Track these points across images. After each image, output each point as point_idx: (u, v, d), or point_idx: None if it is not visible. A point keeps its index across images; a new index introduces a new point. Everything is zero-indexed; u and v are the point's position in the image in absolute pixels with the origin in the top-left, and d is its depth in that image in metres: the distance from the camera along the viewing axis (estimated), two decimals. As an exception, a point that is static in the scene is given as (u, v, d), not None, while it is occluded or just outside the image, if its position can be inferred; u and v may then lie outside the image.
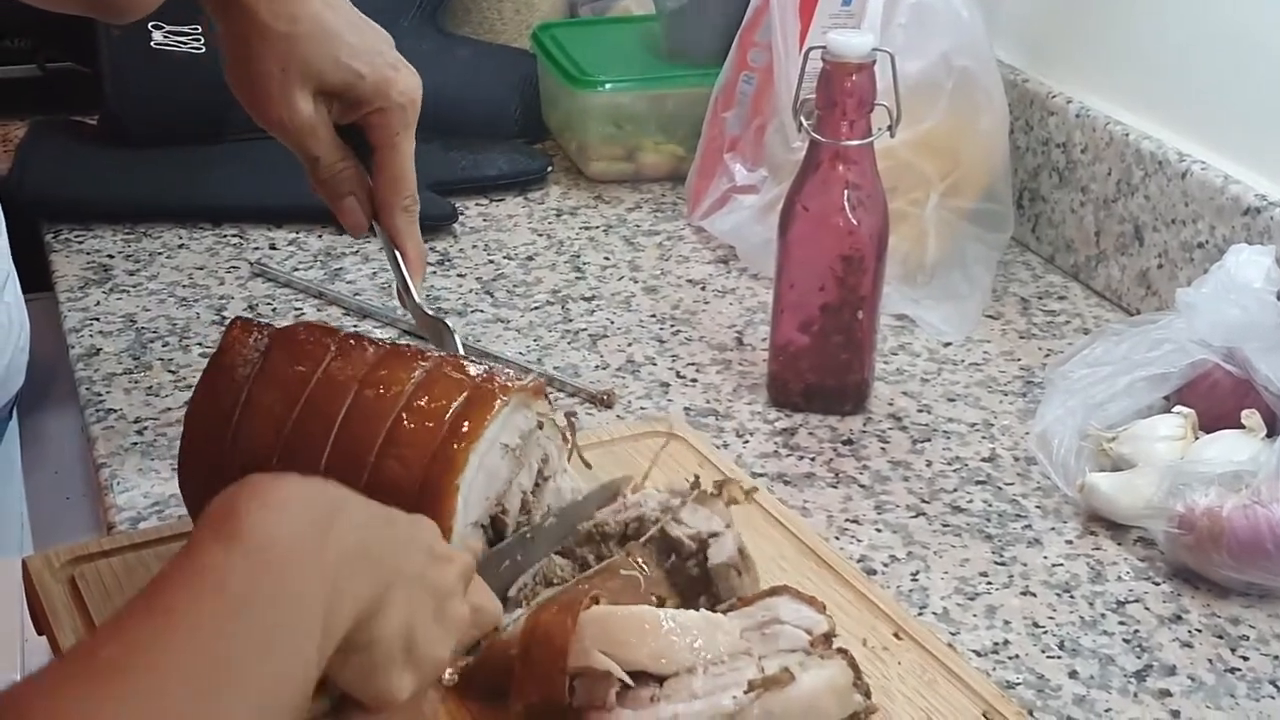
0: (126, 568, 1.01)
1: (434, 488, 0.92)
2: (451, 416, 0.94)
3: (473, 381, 0.96)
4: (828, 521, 1.16)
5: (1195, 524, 1.06)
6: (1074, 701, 0.97)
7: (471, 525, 0.95)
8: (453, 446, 0.93)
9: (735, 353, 1.40)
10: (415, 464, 0.93)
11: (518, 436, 0.98)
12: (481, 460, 0.94)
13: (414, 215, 1.12)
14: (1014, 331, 1.45)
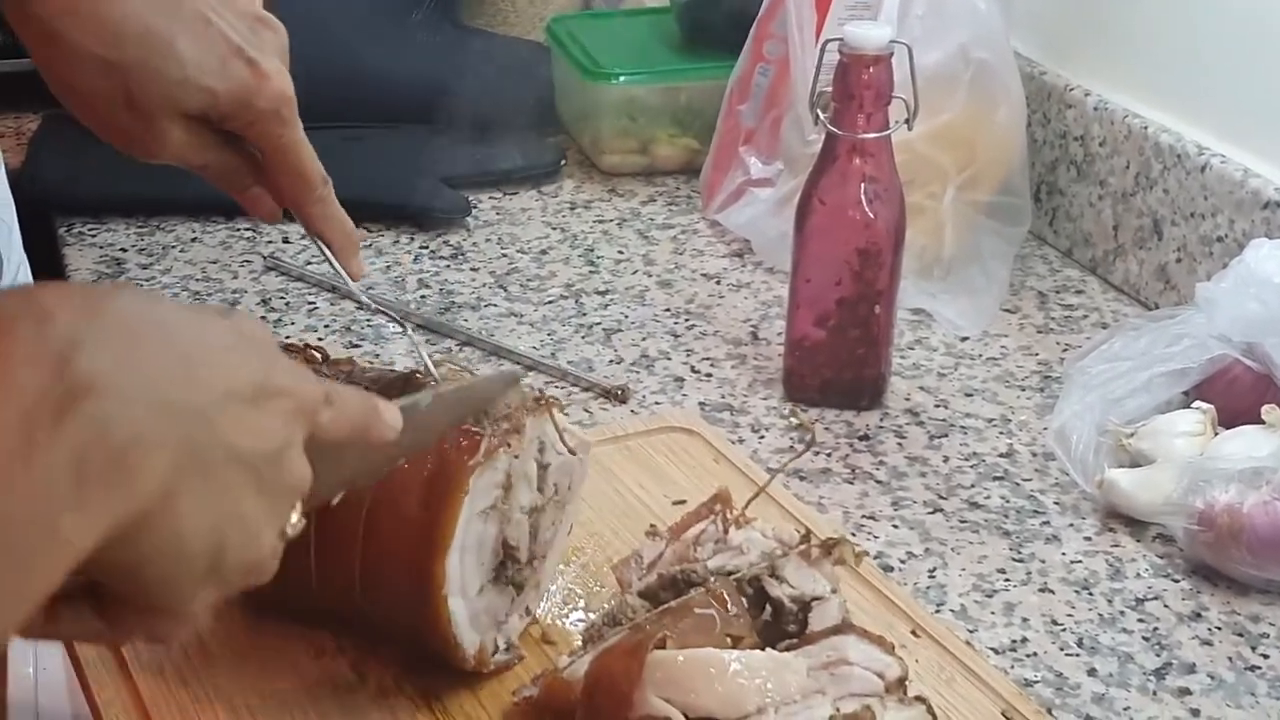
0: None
1: (424, 601, 0.87)
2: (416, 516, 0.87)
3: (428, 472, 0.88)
4: (844, 517, 1.15)
5: (1215, 521, 1.05)
6: (1093, 700, 0.97)
7: (477, 594, 0.91)
8: (427, 564, 0.87)
9: (750, 347, 1.39)
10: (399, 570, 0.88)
11: (496, 488, 0.91)
12: (461, 550, 0.89)
13: (329, 200, 0.98)
14: (1031, 326, 1.44)
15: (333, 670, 0.92)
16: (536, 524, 0.95)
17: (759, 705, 0.82)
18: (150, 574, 0.57)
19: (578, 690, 0.85)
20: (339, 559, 0.89)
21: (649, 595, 0.94)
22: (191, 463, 0.56)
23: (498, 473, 0.90)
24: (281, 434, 0.62)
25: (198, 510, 0.57)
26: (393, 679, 0.92)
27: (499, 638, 0.94)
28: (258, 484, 0.60)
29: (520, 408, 0.93)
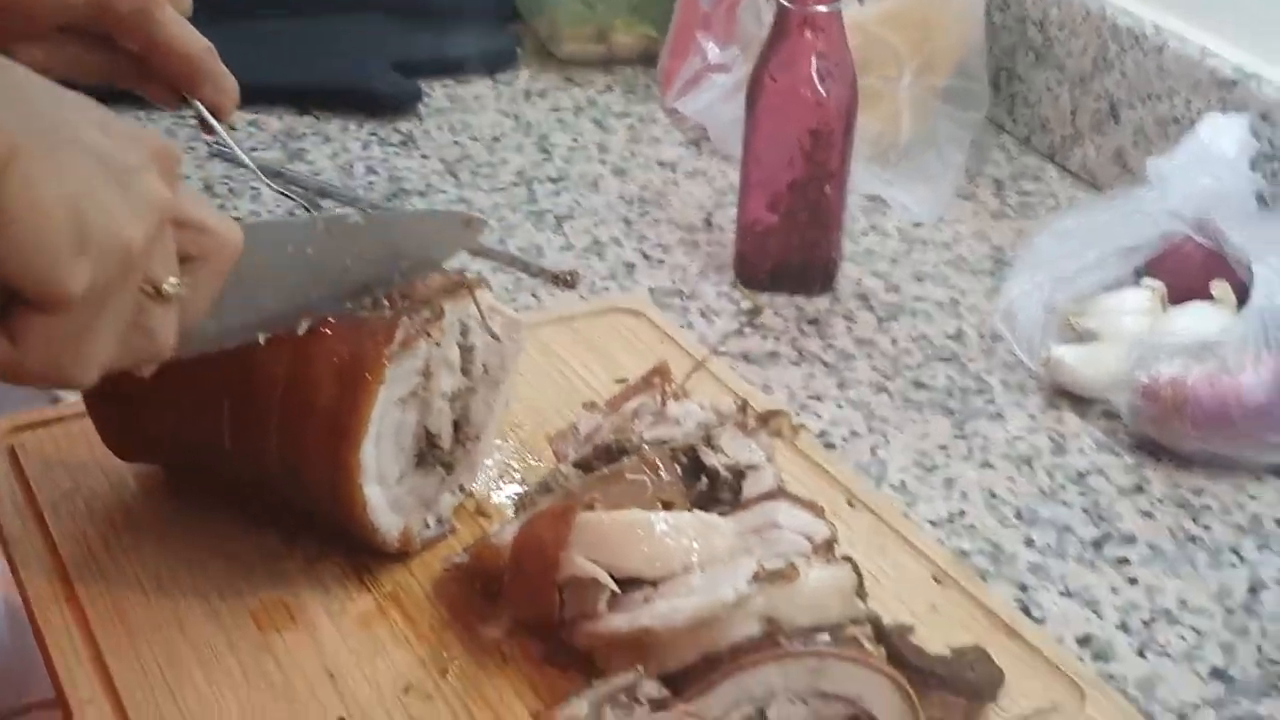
0: (68, 437, 1.00)
1: (340, 489, 0.85)
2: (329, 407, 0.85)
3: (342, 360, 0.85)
4: (790, 398, 1.14)
5: (1160, 394, 1.04)
6: (1029, 569, 0.96)
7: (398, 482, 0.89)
8: (341, 454, 0.85)
9: (704, 234, 1.38)
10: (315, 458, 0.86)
11: (415, 377, 0.88)
12: (377, 439, 0.86)
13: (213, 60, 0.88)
14: (986, 212, 1.42)
15: (260, 540, 0.91)
16: (467, 405, 0.94)
17: (685, 565, 0.81)
18: (14, 236, 0.59)
19: (506, 555, 0.84)
20: (255, 444, 0.87)
21: (583, 465, 0.93)
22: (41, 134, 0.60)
23: (417, 360, 0.88)
24: (140, 158, 0.65)
25: (47, 176, 0.60)
26: (320, 549, 0.90)
27: (429, 516, 0.92)
28: (113, 180, 0.63)
29: (439, 291, 0.90)
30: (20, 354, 0.63)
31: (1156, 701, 0.86)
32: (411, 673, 0.82)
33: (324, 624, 0.85)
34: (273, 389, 0.86)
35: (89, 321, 0.64)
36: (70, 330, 0.63)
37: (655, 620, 0.78)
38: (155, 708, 0.79)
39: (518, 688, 0.81)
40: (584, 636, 0.81)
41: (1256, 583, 0.95)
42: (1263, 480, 1.05)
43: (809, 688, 0.77)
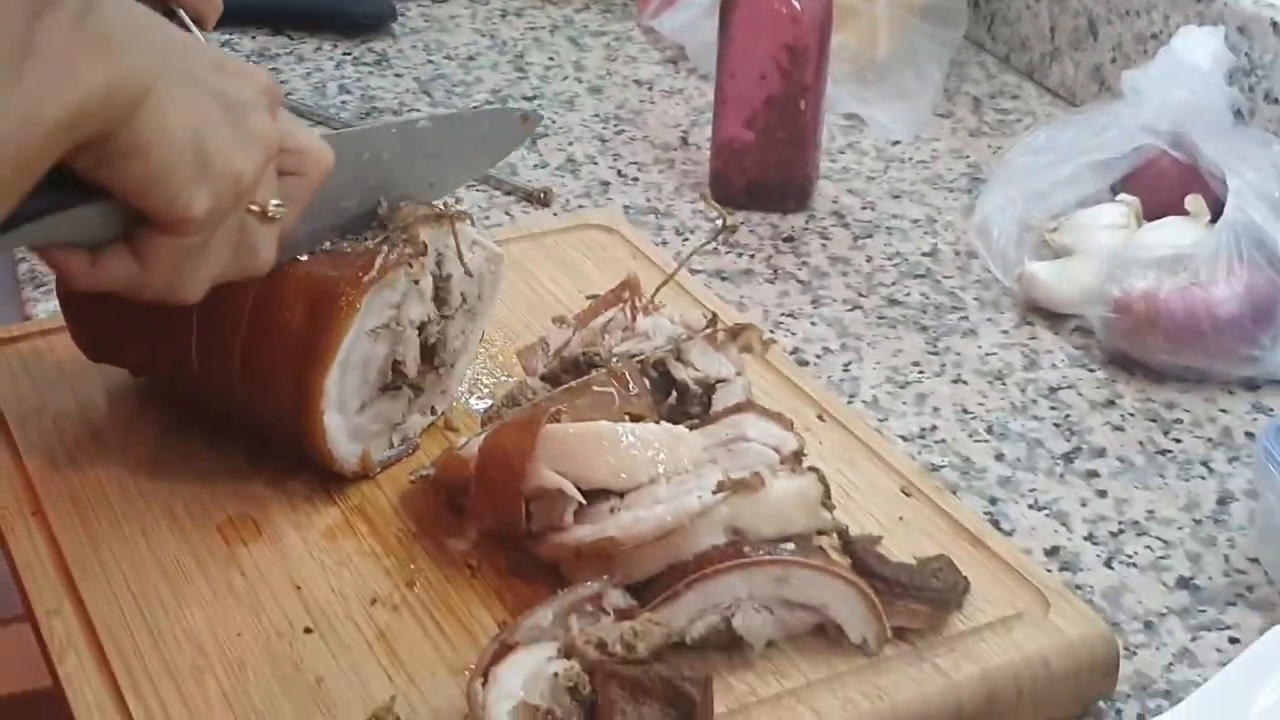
0: (35, 354, 0.99)
1: (301, 414, 0.85)
2: (300, 332, 0.84)
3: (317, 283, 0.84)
4: (763, 316, 1.14)
5: (1132, 308, 1.04)
6: (998, 482, 0.96)
7: (358, 409, 0.88)
8: (306, 378, 0.84)
9: (679, 152, 1.37)
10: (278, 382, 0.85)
11: (389, 310, 0.87)
12: (344, 369, 0.85)
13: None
14: (964, 130, 1.41)
15: (227, 457, 0.91)
16: (444, 333, 0.93)
17: (651, 476, 0.81)
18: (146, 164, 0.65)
19: (472, 467, 0.84)
20: (220, 357, 0.87)
21: (550, 378, 0.93)
22: (170, 74, 0.66)
23: (394, 293, 0.87)
24: (250, 94, 0.71)
25: (175, 109, 0.66)
26: (288, 464, 0.90)
27: (394, 436, 0.92)
28: (228, 116, 0.69)
29: (418, 221, 0.89)
30: (144, 272, 0.70)
31: (1122, 611, 0.86)
32: (378, 585, 0.82)
33: (290, 537, 0.85)
34: (242, 305, 0.86)
35: (204, 242, 0.71)
36: (188, 250, 0.70)
37: (621, 531, 0.78)
38: (122, 620, 0.79)
39: (484, 599, 0.81)
40: (550, 548, 0.81)
41: (1225, 494, 0.95)
42: (1234, 393, 1.04)
43: (774, 596, 0.77)
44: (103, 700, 0.74)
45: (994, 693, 0.76)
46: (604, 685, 0.71)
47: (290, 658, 0.77)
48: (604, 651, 0.72)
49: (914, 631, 0.78)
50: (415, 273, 0.88)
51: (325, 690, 0.75)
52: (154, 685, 0.75)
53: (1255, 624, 0.85)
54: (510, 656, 0.72)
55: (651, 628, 0.74)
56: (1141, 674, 0.82)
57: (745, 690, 0.75)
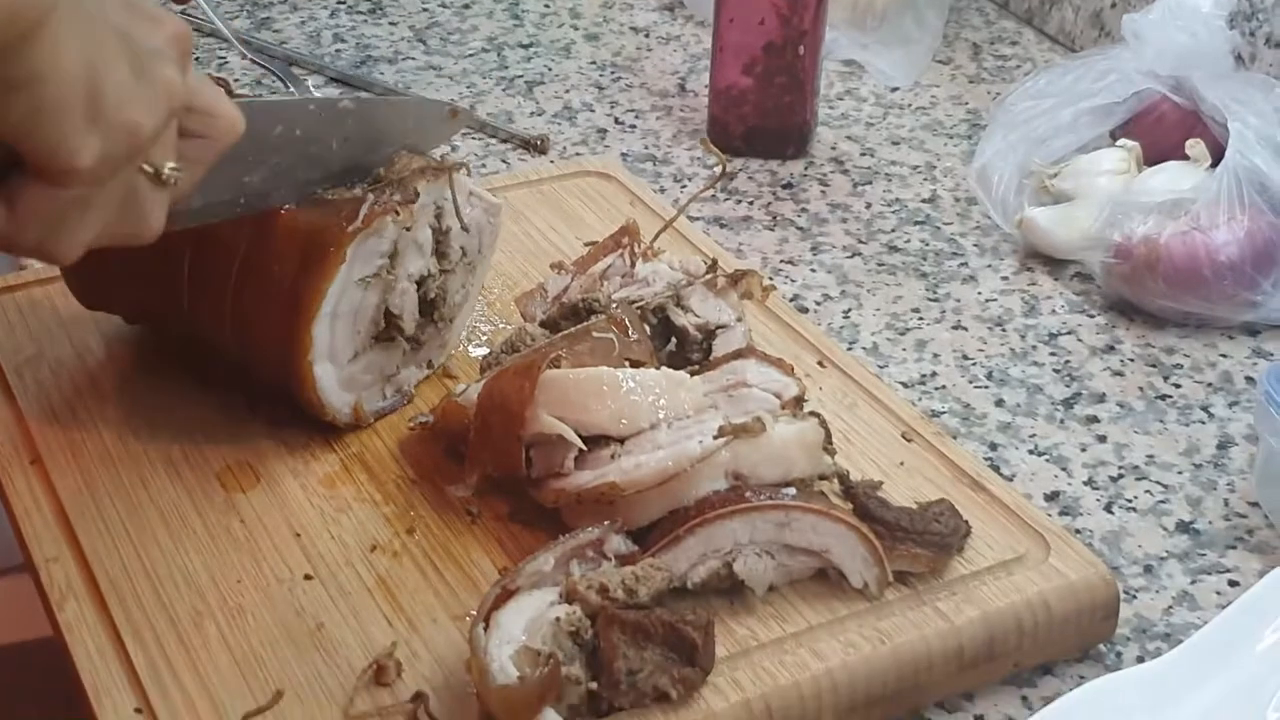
0: (31, 303, 0.99)
1: (291, 364, 0.84)
2: (289, 283, 0.83)
3: (304, 235, 0.84)
4: (762, 263, 1.13)
5: (1132, 252, 1.03)
6: (999, 428, 0.96)
7: (350, 359, 0.87)
8: (294, 329, 0.83)
9: (677, 99, 1.36)
10: (268, 332, 0.85)
11: (378, 259, 0.86)
12: (333, 319, 0.85)
13: None
14: (963, 76, 1.40)
15: (225, 404, 0.91)
16: (445, 287, 0.92)
17: (651, 421, 0.80)
18: (34, 99, 0.59)
19: (472, 414, 0.84)
20: (212, 307, 0.86)
21: (550, 324, 0.92)
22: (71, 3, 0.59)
23: (383, 241, 0.86)
24: (159, 41, 0.65)
25: (72, 43, 0.59)
26: (286, 411, 0.90)
27: (387, 388, 0.91)
28: (131, 61, 0.63)
29: (417, 173, 0.88)
30: (14, 223, 0.63)
31: (1122, 555, 0.86)
32: (378, 531, 0.82)
33: (289, 484, 0.85)
34: (232, 255, 0.85)
35: (86, 197, 0.64)
36: (67, 204, 0.63)
37: (622, 476, 0.78)
38: (121, 567, 0.79)
39: (485, 545, 0.81)
40: (551, 494, 0.81)
41: (1225, 439, 0.95)
42: (1234, 338, 1.04)
43: (775, 541, 0.77)
44: (103, 646, 0.74)
45: (994, 636, 0.76)
46: (605, 630, 0.71)
47: (290, 603, 0.77)
48: (605, 596, 0.72)
49: (915, 575, 0.78)
50: (404, 220, 0.86)
51: (325, 635, 0.75)
52: (154, 631, 0.75)
53: (1255, 567, 0.85)
54: (512, 602, 0.72)
55: (653, 572, 0.74)
56: (1141, 617, 0.82)
57: (746, 634, 0.75)
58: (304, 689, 0.72)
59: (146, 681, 0.72)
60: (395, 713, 0.71)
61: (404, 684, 0.72)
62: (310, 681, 0.73)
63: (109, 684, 0.72)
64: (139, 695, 0.71)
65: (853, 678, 0.73)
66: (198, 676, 0.73)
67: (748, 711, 0.71)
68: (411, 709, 0.71)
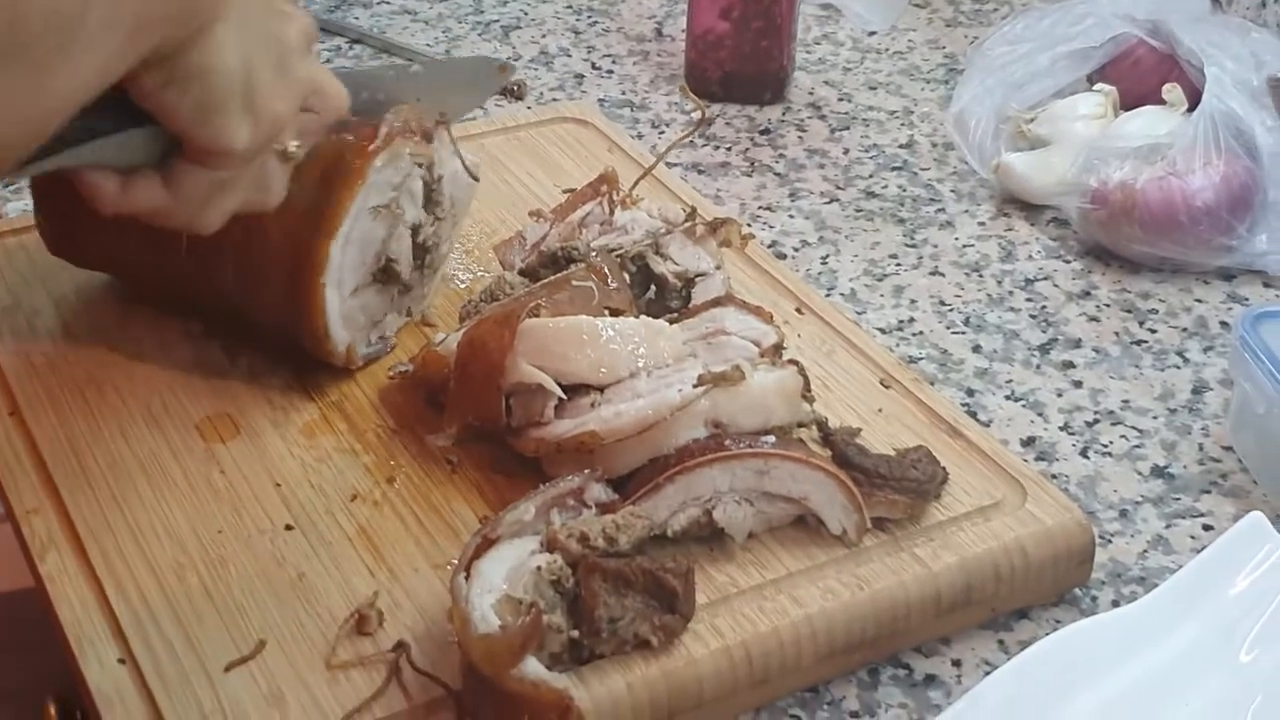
0: (6, 253, 0.98)
1: (300, 286, 0.85)
2: (307, 204, 0.84)
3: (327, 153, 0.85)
4: (740, 209, 1.13)
5: (1109, 198, 1.03)
6: (975, 374, 0.96)
7: (351, 293, 0.88)
8: (312, 241, 0.85)
9: (654, 44, 1.35)
10: (281, 253, 0.85)
11: (390, 191, 0.88)
12: (346, 242, 0.86)
13: None
14: (940, 20, 1.40)
15: (204, 353, 0.91)
16: (437, 235, 0.93)
17: (631, 370, 0.81)
18: (204, 91, 0.65)
19: (451, 363, 0.84)
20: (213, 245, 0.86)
21: (529, 273, 0.92)
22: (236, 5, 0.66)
23: (396, 173, 0.87)
24: (294, 37, 0.72)
25: (235, 41, 0.66)
26: (265, 362, 0.90)
27: (372, 334, 0.91)
28: (275, 57, 0.69)
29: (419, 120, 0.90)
30: (173, 200, 0.69)
31: (1098, 500, 0.87)
32: (359, 481, 0.82)
33: (269, 434, 0.85)
34: None
35: (233, 177, 0.71)
36: (218, 183, 0.70)
37: (601, 425, 0.78)
38: (102, 518, 0.79)
39: (465, 494, 0.81)
40: (531, 442, 0.81)
41: (1200, 384, 0.96)
42: (1209, 283, 1.05)
43: (754, 489, 0.77)
44: (85, 597, 0.74)
45: (972, 581, 0.77)
46: (586, 578, 0.71)
47: (271, 554, 0.77)
48: (586, 545, 0.72)
49: (893, 522, 0.79)
50: (418, 153, 0.89)
51: (307, 585, 0.76)
52: (136, 582, 0.75)
53: (1229, 511, 0.86)
54: (492, 551, 0.72)
55: (633, 521, 0.74)
56: (1116, 561, 0.82)
57: (726, 581, 0.76)
58: (286, 639, 0.73)
59: (129, 632, 0.72)
60: (377, 662, 0.71)
61: (386, 633, 0.73)
62: (292, 631, 0.73)
63: (92, 635, 0.72)
64: (122, 646, 0.72)
65: (831, 624, 0.74)
66: (180, 627, 0.73)
67: (728, 658, 0.72)
68: (393, 658, 0.71)
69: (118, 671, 0.71)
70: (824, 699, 0.74)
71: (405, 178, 0.88)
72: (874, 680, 0.75)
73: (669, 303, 0.91)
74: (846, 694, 0.75)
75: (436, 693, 0.70)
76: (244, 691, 0.70)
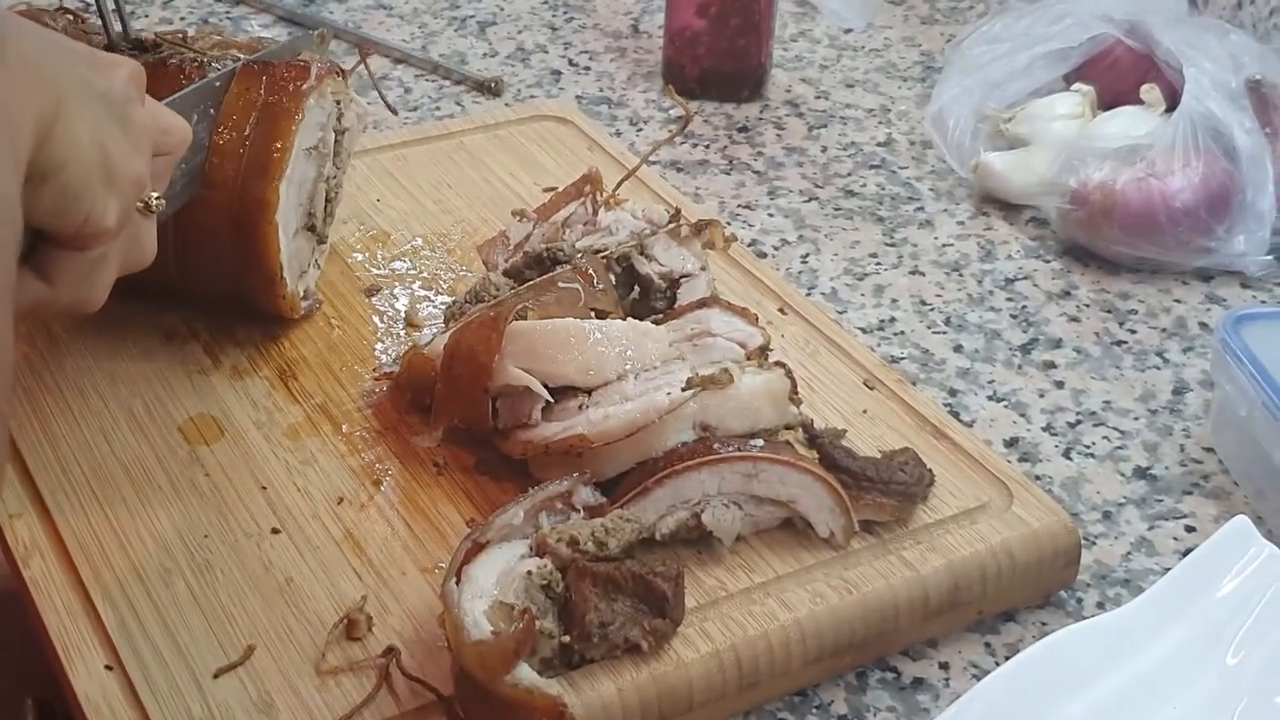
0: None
1: (250, 231, 0.85)
2: (250, 150, 0.86)
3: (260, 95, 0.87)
4: (720, 207, 1.13)
5: (1088, 198, 1.04)
6: (957, 374, 0.97)
7: (290, 238, 0.89)
8: (260, 183, 0.85)
9: (631, 40, 1.35)
10: (223, 207, 0.86)
11: (318, 131, 0.90)
12: (288, 183, 0.87)
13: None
14: (916, 17, 1.40)
15: (184, 355, 0.90)
16: (336, 187, 0.95)
17: (618, 372, 0.81)
18: (62, 184, 0.63)
19: (437, 365, 0.84)
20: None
21: (513, 274, 0.92)
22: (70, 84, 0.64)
23: (323, 112, 0.90)
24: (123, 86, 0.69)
25: (80, 122, 0.64)
26: (247, 361, 0.89)
27: (301, 286, 0.92)
28: (115, 116, 0.67)
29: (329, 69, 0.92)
30: (54, 292, 0.67)
31: (1081, 501, 0.87)
32: (344, 484, 0.82)
33: (253, 437, 0.84)
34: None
35: (109, 249, 0.68)
36: (94, 260, 0.68)
37: (590, 428, 0.78)
38: (86, 523, 0.78)
39: (452, 497, 0.81)
40: (518, 445, 0.81)
41: (1180, 384, 0.96)
42: (1188, 283, 1.05)
43: (743, 492, 0.77)
44: (71, 604, 0.74)
45: (959, 584, 0.77)
46: (577, 582, 0.71)
47: (258, 558, 0.77)
48: (576, 549, 0.72)
49: (881, 524, 0.79)
50: (339, 91, 0.91)
51: (295, 590, 0.75)
52: (123, 588, 0.75)
53: (1210, 513, 0.86)
54: (482, 555, 0.72)
55: (622, 524, 0.74)
56: (1101, 563, 0.83)
57: (715, 584, 0.76)
58: (275, 644, 0.72)
59: (116, 639, 0.72)
60: (367, 667, 0.71)
61: (375, 638, 0.72)
62: (281, 636, 0.73)
63: (79, 641, 0.72)
64: (109, 653, 0.71)
65: (820, 627, 0.74)
66: (168, 633, 0.72)
67: (717, 662, 0.72)
68: (383, 664, 0.71)
69: (105, 679, 0.70)
70: (812, 702, 0.75)
71: (328, 116, 0.91)
72: (862, 684, 0.76)
73: (654, 304, 0.91)
74: (835, 698, 0.75)
75: (427, 698, 0.69)
76: (233, 698, 0.69)
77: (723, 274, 0.97)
